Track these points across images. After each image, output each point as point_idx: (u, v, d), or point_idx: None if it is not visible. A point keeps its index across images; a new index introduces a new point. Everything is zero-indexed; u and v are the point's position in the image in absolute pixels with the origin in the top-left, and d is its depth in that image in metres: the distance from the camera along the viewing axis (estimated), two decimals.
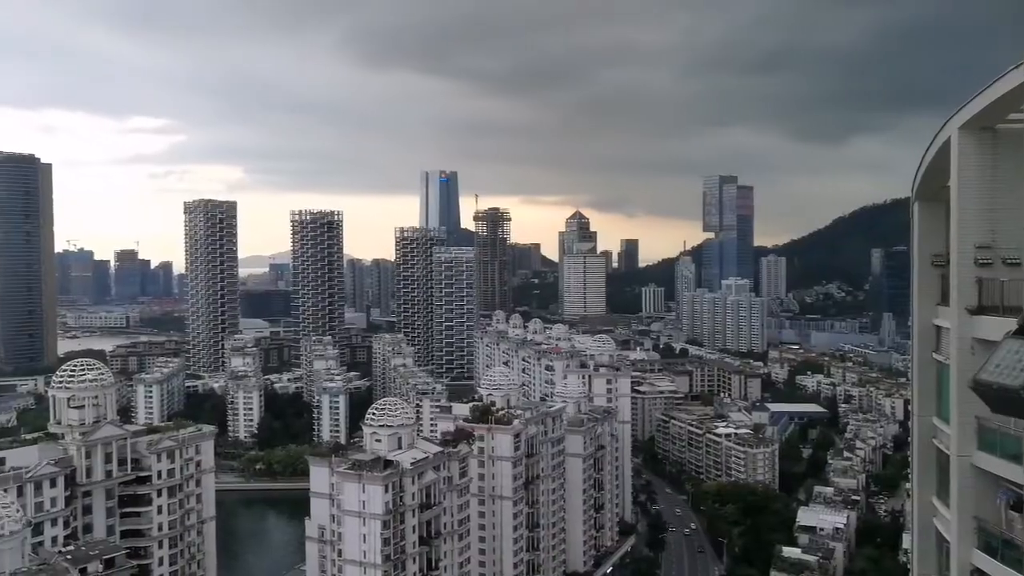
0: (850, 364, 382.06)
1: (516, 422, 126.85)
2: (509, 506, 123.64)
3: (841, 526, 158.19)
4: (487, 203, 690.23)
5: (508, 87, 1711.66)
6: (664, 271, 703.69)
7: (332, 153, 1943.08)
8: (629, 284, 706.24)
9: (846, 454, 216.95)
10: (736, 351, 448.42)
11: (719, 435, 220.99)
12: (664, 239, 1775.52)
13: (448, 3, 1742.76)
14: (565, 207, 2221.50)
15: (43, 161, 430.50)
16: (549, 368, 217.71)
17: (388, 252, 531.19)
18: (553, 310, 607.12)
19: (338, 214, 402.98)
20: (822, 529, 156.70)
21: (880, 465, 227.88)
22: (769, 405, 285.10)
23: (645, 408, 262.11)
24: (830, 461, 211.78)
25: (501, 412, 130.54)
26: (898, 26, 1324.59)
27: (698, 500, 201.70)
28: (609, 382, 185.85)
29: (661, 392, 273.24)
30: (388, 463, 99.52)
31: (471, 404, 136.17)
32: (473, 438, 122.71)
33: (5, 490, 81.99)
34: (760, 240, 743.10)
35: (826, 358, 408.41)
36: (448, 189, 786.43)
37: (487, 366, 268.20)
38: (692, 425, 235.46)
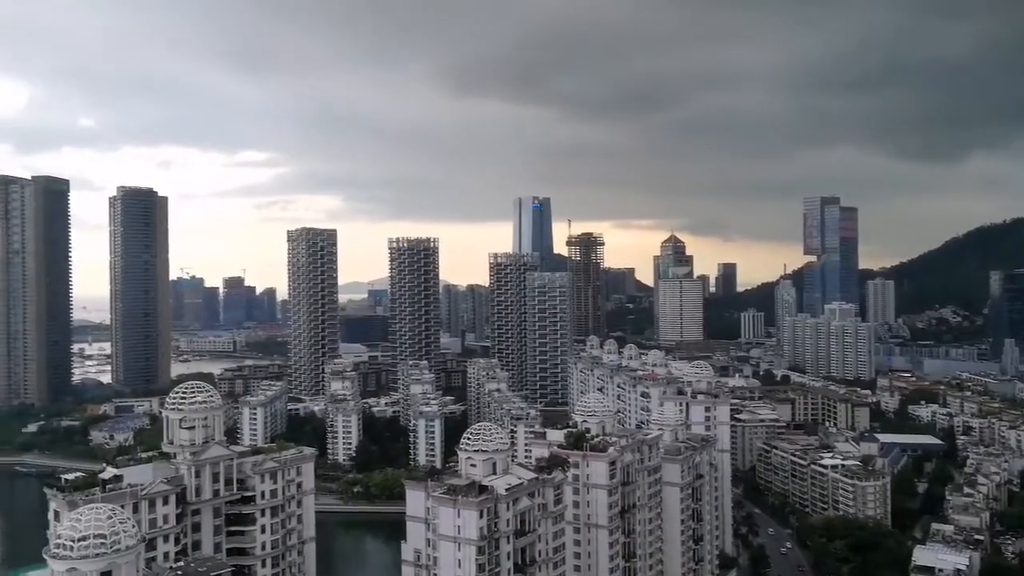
0: (969, 393, 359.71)
1: (611, 449, 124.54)
2: (605, 535, 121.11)
3: (963, 567, 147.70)
4: (580, 228, 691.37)
5: (601, 111, 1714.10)
6: (763, 296, 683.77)
7: (427, 181, 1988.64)
8: (727, 309, 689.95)
9: (967, 490, 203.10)
10: (841, 379, 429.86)
11: (825, 466, 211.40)
12: (763, 263, 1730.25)
13: (540, 30, 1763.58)
14: (659, 231, 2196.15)
15: (160, 194, 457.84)
16: (645, 395, 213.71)
17: (482, 278, 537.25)
18: (648, 335, 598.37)
19: (434, 241, 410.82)
20: (941, 570, 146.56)
21: (1006, 503, 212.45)
22: (879, 436, 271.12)
23: (745, 437, 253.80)
24: (948, 497, 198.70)
25: (596, 439, 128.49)
26: (1007, 38, 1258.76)
27: (804, 534, 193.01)
28: (707, 409, 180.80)
29: (762, 420, 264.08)
30: (483, 488, 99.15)
31: (565, 430, 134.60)
32: (568, 465, 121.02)
33: (122, 506, 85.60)
34: (865, 263, 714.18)
35: (941, 387, 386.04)
36: (541, 215, 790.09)
37: (581, 392, 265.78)
38: (796, 455, 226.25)
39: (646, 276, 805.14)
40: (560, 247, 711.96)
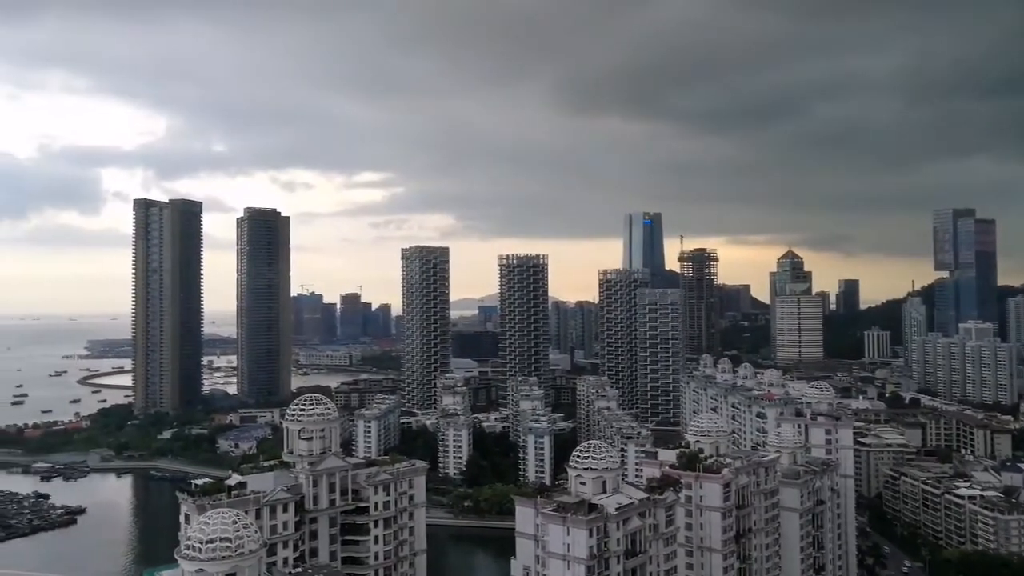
0: None
1: (726, 471, 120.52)
2: (719, 559, 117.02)
3: None
4: (692, 244, 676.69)
5: (714, 126, 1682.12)
6: (889, 313, 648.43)
7: (538, 199, 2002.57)
8: (849, 327, 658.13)
9: None
10: (979, 403, 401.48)
11: (961, 497, 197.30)
12: (888, 279, 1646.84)
13: (654, 47, 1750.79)
14: (775, 247, 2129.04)
15: (283, 215, 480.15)
16: (761, 415, 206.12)
17: (592, 295, 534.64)
18: (764, 354, 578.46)
19: (543, 258, 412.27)
20: None
21: None
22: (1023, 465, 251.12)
23: (870, 462, 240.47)
24: None
25: (710, 460, 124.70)
26: None
27: (937, 569, 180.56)
28: (828, 432, 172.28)
29: (889, 445, 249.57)
30: (592, 507, 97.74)
31: (678, 450, 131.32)
32: (680, 486, 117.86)
33: (246, 512, 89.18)
34: (1005, 279, 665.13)
35: None
36: (652, 231, 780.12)
37: (694, 412, 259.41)
38: (927, 484, 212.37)
39: (762, 293, 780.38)
40: (672, 263, 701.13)
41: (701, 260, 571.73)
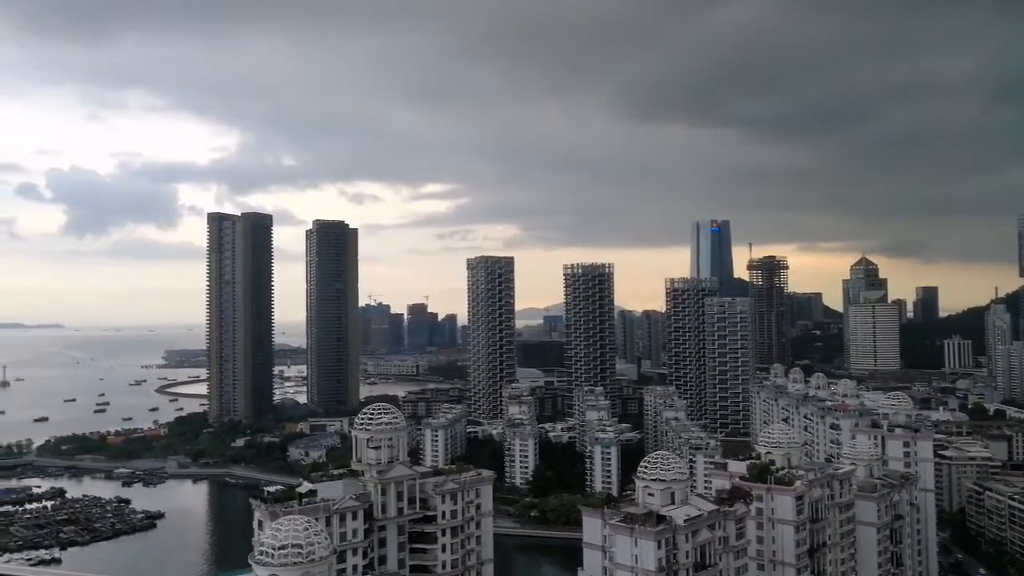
0: None
1: (798, 483, 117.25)
2: (792, 573, 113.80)
3: None
4: (761, 252, 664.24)
5: (782, 131, 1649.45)
6: (971, 321, 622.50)
7: (602, 207, 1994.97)
8: (927, 336, 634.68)
9: None
10: None
11: None
12: (969, 286, 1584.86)
13: (717, 53, 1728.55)
14: (848, 253, 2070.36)
15: (351, 226, 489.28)
16: (835, 427, 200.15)
17: (658, 304, 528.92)
18: (838, 364, 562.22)
19: (609, 267, 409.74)
20: None
21: None
22: None
23: (952, 476, 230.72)
24: None
25: (781, 472, 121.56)
26: None
27: None
28: (907, 444, 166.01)
29: (972, 459, 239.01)
30: (661, 518, 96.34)
31: (748, 461, 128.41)
32: (751, 498, 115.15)
33: (316, 519, 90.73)
34: None
35: None
36: (720, 239, 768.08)
37: (764, 422, 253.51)
38: (1015, 499, 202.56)
39: (835, 301, 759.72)
40: (740, 272, 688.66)
41: (770, 268, 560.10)
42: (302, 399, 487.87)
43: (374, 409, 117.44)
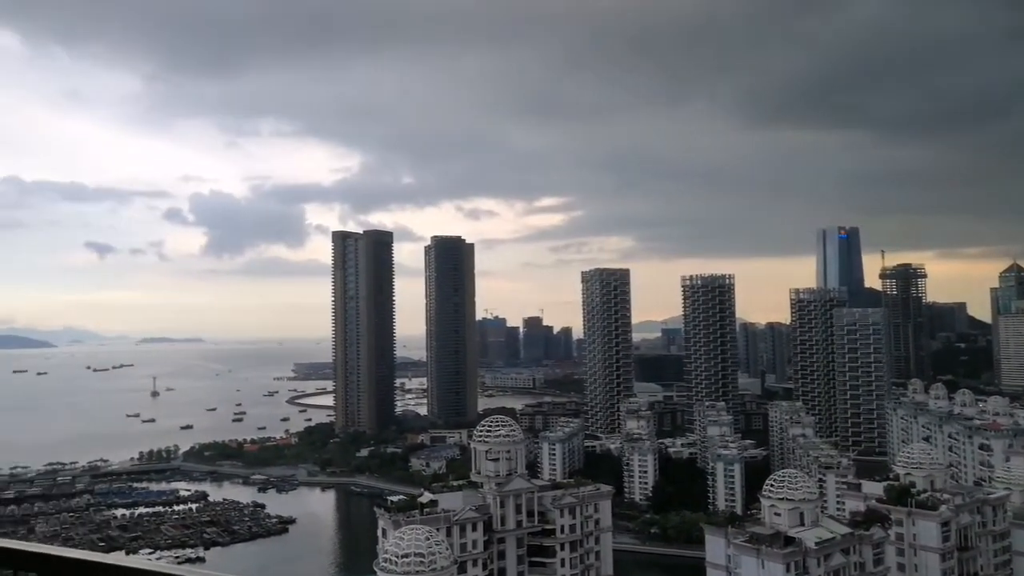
0: None
1: (944, 508, 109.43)
2: None
3: None
4: (895, 259, 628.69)
5: (915, 131, 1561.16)
6: None
7: (721, 217, 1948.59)
8: None
9: None
10: None
11: None
12: None
13: (842, 51, 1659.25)
14: (997, 259, 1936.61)
15: (467, 241, 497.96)
16: (985, 447, 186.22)
17: (783, 315, 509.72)
18: (987, 379, 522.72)
19: (729, 278, 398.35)
20: None
21: None
22: None
23: None
24: None
25: (923, 495, 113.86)
26: None
27: None
28: None
29: None
30: (789, 540, 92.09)
31: (885, 483, 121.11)
32: (889, 522, 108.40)
33: (438, 529, 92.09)
34: None
35: None
36: (848, 246, 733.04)
37: (902, 441, 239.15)
38: None
39: (981, 311, 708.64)
40: (872, 281, 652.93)
41: (906, 276, 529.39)
42: (422, 411, 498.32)
43: (492, 422, 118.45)
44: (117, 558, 6.09)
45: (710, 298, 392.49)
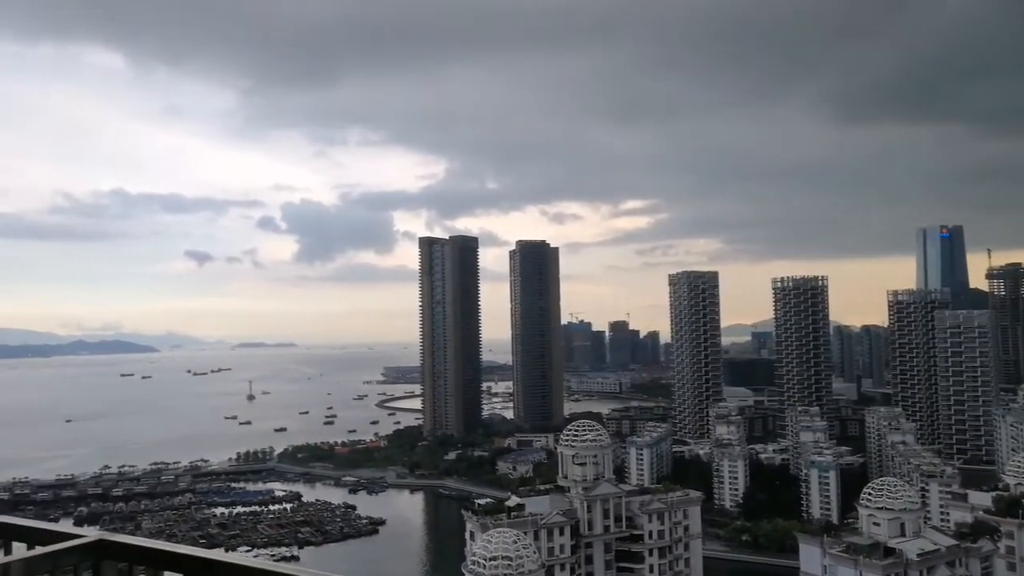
0: None
1: None
2: None
3: None
4: (1003, 258, 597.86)
5: (1012, 124, 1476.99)
6: None
7: (813, 217, 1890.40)
8: None
9: None
10: None
11: None
12: None
13: (939, 42, 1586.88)
14: None
15: (552, 246, 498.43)
16: None
17: (880, 318, 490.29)
18: None
19: (822, 279, 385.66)
20: None
21: None
22: None
23: None
24: None
25: None
26: None
27: None
28: None
29: None
30: (889, 551, 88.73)
31: (994, 493, 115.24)
32: (999, 534, 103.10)
33: (525, 533, 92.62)
34: None
35: None
36: (951, 245, 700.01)
37: (1012, 450, 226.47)
38: None
39: None
40: (978, 281, 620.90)
41: (1015, 276, 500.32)
42: (509, 415, 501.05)
43: (579, 426, 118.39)
44: (246, 559, 6.59)
45: (802, 300, 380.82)
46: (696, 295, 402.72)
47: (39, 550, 6.98)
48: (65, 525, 7.86)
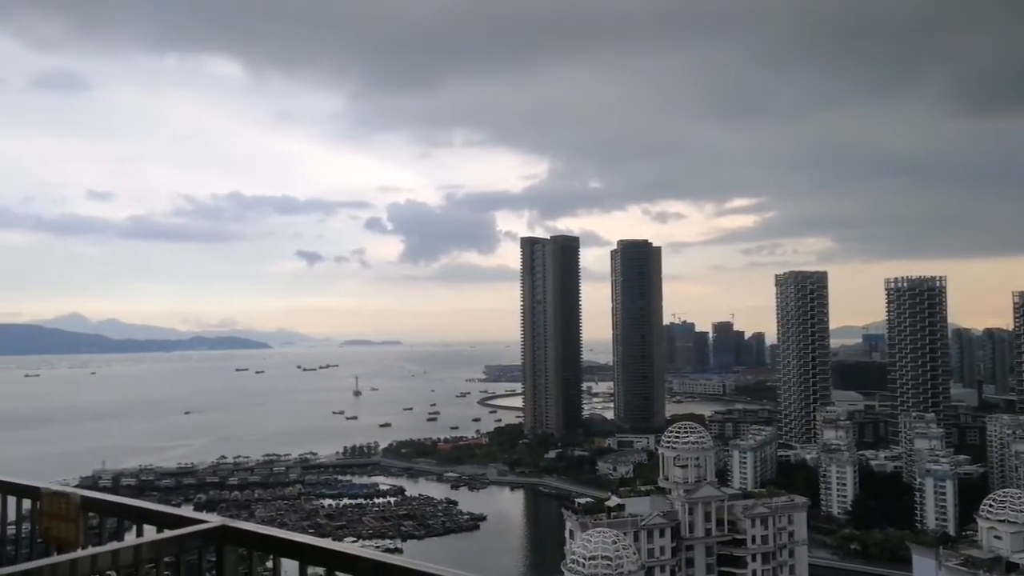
0: None
1: None
2: None
3: None
4: None
5: None
6: None
7: (932, 214, 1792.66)
8: None
9: None
10: None
11: None
12: None
13: None
14: None
15: (654, 245, 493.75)
16: None
17: (1004, 320, 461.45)
18: None
19: (940, 279, 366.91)
20: None
21: None
22: None
23: None
24: None
25: None
26: None
27: None
28: None
29: None
30: (1012, 566, 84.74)
31: None
32: None
33: (625, 533, 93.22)
34: None
35: None
36: None
37: None
38: None
39: None
40: None
41: None
42: (609, 415, 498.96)
43: (681, 428, 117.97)
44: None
45: (918, 302, 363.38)
46: (804, 296, 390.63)
47: (167, 533, 7.58)
48: (188, 511, 8.59)
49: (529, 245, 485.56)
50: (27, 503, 9.26)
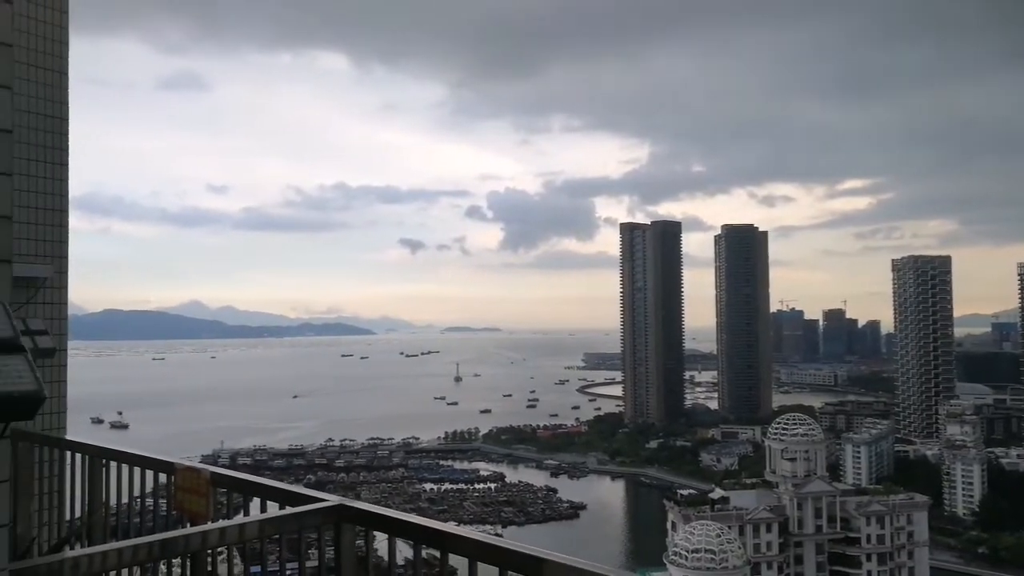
0: None
1: None
2: None
3: None
4: None
5: None
6: None
7: None
8: None
9: None
10: None
11: None
12: None
13: None
14: None
15: (760, 230, 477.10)
16: None
17: None
18: None
19: None
20: None
21: None
22: None
23: None
24: None
25: None
26: None
27: None
28: None
29: None
30: None
31: None
32: None
33: (729, 527, 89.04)
34: None
35: None
36: None
37: None
38: None
39: None
40: None
41: None
42: (712, 405, 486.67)
43: (789, 419, 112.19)
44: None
45: None
46: (924, 281, 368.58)
47: (289, 510, 7.69)
48: (306, 489, 8.55)
49: (629, 231, 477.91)
50: (163, 477, 9.83)
